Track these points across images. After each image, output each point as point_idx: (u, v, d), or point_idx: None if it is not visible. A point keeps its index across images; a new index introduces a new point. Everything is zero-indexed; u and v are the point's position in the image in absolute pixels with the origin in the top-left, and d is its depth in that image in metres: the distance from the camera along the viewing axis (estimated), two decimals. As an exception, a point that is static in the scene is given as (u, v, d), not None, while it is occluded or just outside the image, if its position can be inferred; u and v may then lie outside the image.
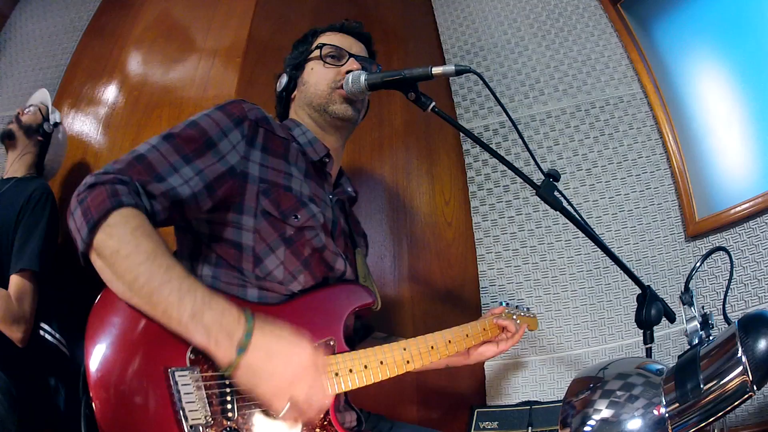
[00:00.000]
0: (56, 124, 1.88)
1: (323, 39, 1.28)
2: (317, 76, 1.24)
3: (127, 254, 0.82)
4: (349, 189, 1.33)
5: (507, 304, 1.46)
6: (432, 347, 1.16)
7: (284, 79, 1.31)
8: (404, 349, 1.11)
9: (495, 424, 1.68)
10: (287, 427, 0.91)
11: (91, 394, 0.77)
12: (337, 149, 1.27)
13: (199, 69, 1.96)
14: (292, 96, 1.31)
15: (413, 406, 1.83)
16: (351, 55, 1.25)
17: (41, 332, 1.58)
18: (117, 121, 1.99)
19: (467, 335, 1.27)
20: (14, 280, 1.49)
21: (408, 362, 1.10)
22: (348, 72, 1.21)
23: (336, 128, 1.25)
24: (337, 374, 0.99)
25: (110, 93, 2.07)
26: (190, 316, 0.81)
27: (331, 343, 1.03)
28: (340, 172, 1.34)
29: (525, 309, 1.52)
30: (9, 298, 1.45)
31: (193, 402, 0.81)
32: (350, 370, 1.01)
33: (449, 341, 1.21)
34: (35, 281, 1.52)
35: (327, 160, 1.21)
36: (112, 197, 0.85)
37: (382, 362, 1.05)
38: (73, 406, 1.51)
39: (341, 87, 1.20)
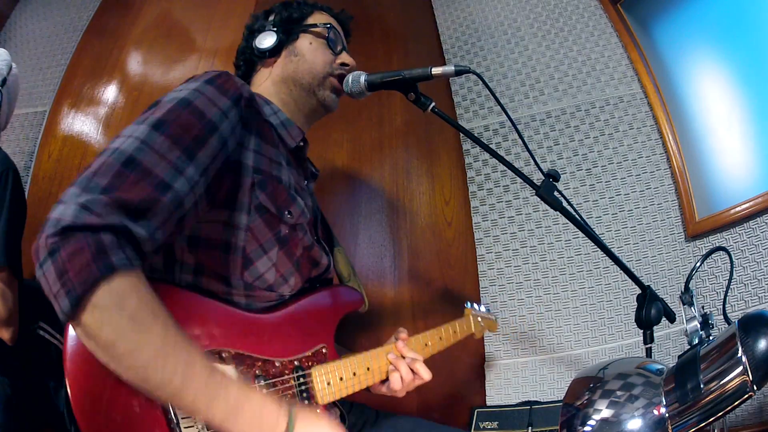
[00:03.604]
0: (3, 82, 1.55)
1: (325, 18, 1.16)
2: (315, 55, 1.12)
3: (128, 350, 0.65)
4: (314, 170, 1.22)
5: (471, 305, 1.45)
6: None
7: (271, 38, 1.10)
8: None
9: (495, 424, 1.68)
10: None
11: (79, 426, 0.68)
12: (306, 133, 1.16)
13: (199, 69, 1.96)
14: (271, 62, 1.12)
15: (413, 407, 1.82)
16: (344, 48, 1.18)
17: (40, 332, 1.57)
18: (117, 121, 1.99)
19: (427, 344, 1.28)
20: None
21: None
22: (342, 64, 1.14)
23: (313, 113, 1.14)
24: (329, 383, 0.99)
25: (110, 93, 2.07)
26: (221, 421, 0.70)
27: (324, 350, 1.03)
28: None
29: (487, 311, 1.52)
30: None
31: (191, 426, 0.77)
32: (341, 378, 1.02)
33: (426, 344, 1.25)
34: (10, 274, 1.41)
35: (303, 144, 1.11)
36: (98, 260, 0.63)
37: (368, 368, 1.07)
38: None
39: (335, 76, 1.12)
